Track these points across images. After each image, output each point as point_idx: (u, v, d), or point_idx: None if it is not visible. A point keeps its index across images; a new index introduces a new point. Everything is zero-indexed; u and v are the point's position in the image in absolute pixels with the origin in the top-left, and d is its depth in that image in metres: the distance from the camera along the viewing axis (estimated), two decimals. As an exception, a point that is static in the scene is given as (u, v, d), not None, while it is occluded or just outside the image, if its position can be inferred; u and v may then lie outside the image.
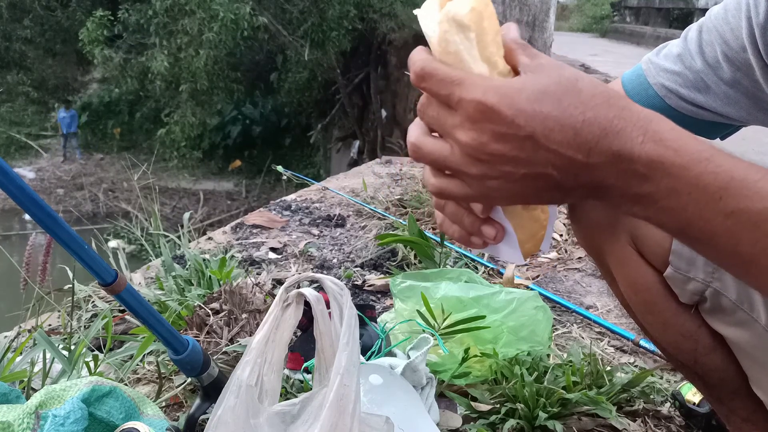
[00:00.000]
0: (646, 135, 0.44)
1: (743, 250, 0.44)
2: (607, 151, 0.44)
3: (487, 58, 0.48)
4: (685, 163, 0.44)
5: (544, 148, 0.44)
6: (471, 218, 0.54)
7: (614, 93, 0.46)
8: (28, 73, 13.96)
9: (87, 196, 12.23)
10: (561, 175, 0.45)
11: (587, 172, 0.45)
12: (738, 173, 0.44)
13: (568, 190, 0.47)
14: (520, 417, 1.10)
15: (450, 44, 0.47)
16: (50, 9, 13.11)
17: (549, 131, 0.44)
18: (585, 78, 0.46)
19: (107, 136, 14.19)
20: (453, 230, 0.56)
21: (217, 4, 9.42)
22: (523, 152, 0.45)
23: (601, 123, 0.44)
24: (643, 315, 0.82)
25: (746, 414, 0.79)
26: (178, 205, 11.63)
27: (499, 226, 0.54)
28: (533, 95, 0.44)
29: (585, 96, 0.45)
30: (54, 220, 0.70)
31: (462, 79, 0.46)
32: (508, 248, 0.55)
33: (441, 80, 0.47)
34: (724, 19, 0.72)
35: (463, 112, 0.46)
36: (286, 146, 13.08)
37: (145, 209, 2.11)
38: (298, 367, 1.14)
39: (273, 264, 2.02)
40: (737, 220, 0.44)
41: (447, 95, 0.47)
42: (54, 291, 1.32)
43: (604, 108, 0.44)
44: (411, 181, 3.03)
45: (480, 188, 0.48)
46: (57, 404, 0.71)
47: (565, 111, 0.44)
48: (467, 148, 0.46)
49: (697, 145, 0.45)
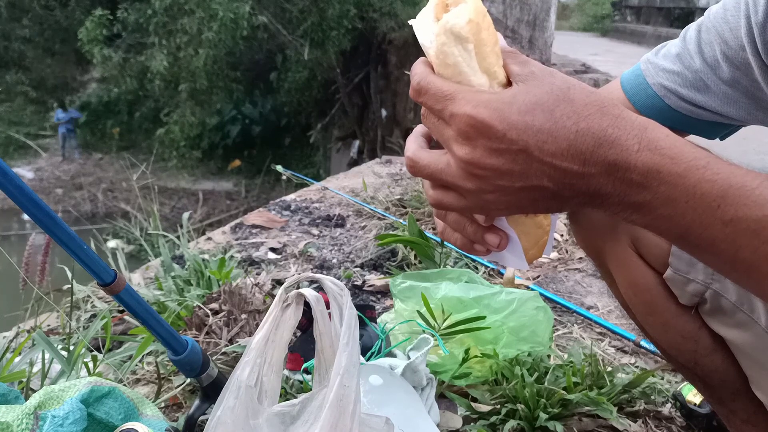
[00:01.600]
0: (642, 143, 0.44)
1: (743, 257, 0.44)
2: (603, 161, 0.44)
3: (486, 68, 0.47)
4: (682, 171, 0.43)
5: (538, 160, 0.44)
6: (474, 227, 0.54)
7: (608, 101, 0.45)
8: (27, 73, 13.95)
9: (86, 196, 12.21)
10: (557, 186, 0.45)
11: (583, 182, 0.45)
12: (736, 180, 0.43)
13: (566, 199, 0.47)
14: (521, 418, 1.09)
15: (448, 56, 0.47)
16: (49, 8, 13.10)
17: (542, 143, 0.44)
18: (577, 86, 0.46)
19: (106, 136, 14.18)
20: (455, 238, 0.56)
21: (216, 3, 9.41)
22: (516, 165, 0.45)
23: (595, 133, 0.44)
24: (643, 316, 0.82)
25: (746, 415, 0.79)
26: (177, 205, 11.62)
27: (502, 234, 0.53)
28: (524, 107, 0.44)
29: (578, 105, 0.44)
30: (53, 220, 0.70)
31: (453, 95, 0.46)
32: (512, 256, 0.55)
33: (434, 95, 0.47)
34: (723, 18, 0.72)
35: (455, 127, 0.46)
36: (286, 146, 13.07)
37: (144, 209, 2.10)
38: (298, 367, 1.14)
39: (272, 264, 2.01)
40: (736, 228, 0.43)
41: (440, 110, 0.47)
42: (53, 291, 1.32)
43: (598, 117, 0.44)
44: (411, 181, 3.02)
45: (477, 201, 0.48)
46: (56, 405, 0.71)
47: (558, 122, 0.44)
48: (462, 162, 0.46)
49: (693, 152, 0.44)
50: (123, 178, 11.75)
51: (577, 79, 0.48)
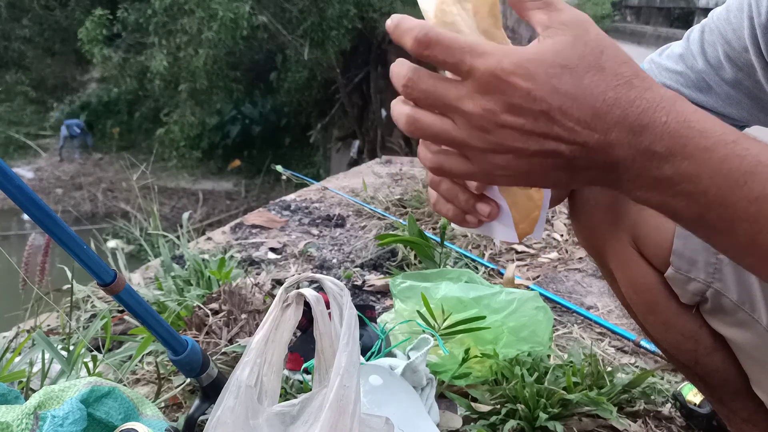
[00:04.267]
0: (670, 115, 0.42)
1: (762, 240, 0.43)
2: (627, 131, 0.42)
3: (485, 29, 0.47)
4: (710, 145, 0.42)
5: (560, 124, 0.42)
6: (466, 195, 0.52)
7: (638, 72, 0.43)
8: (27, 73, 13.95)
9: (86, 196, 12.21)
10: (573, 154, 0.43)
11: (603, 153, 0.43)
12: (765, 158, 0.42)
13: (578, 171, 0.44)
14: (521, 418, 1.09)
15: (447, 15, 0.46)
16: (49, 8, 13.10)
17: (567, 108, 0.41)
18: (610, 50, 0.43)
19: (106, 136, 14.17)
20: (447, 209, 0.55)
21: (216, 3, 9.41)
22: (536, 127, 0.42)
23: (622, 104, 0.42)
24: (644, 315, 0.82)
25: (747, 415, 0.79)
26: (177, 205, 11.61)
27: (493, 203, 0.52)
28: (552, 68, 0.42)
29: (608, 74, 0.42)
30: (53, 220, 0.70)
31: (473, 46, 0.43)
32: (503, 227, 0.54)
33: (448, 47, 0.43)
34: (726, 19, 0.72)
35: (475, 81, 0.42)
36: (286, 146, 13.06)
37: (144, 209, 2.10)
38: (298, 367, 1.14)
39: (272, 264, 2.01)
40: (761, 207, 0.42)
41: (455, 63, 0.43)
42: (53, 291, 1.32)
43: (626, 88, 0.42)
44: (411, 181, 3.02)
45: (484, 164, 0.45)
46: (56, 405, 0.71)
47: (586, 89, 0.42)
48: (475, 118, 0.43)
49: (722, 127, 0.43)
50: (123, 178, 11.74)
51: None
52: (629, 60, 0.44)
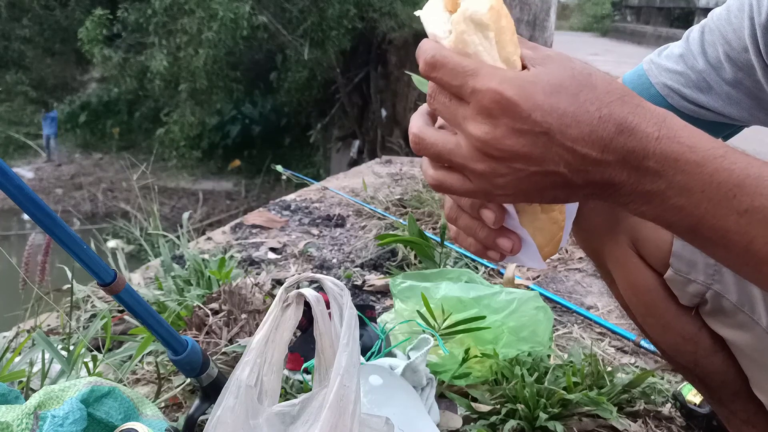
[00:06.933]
0: (661, 131, 0.43)
1: (756, 249, 0.44)
2: (622, 147, 0.43)
3: (506, 58, 0.46)
4: (700, 159, 0.43)
5: (559, 144, 0.43)
6: (485, 231, 0.52)
7: (627, 90, 0.45)
8: (27, 73, 13.94)
9: (86, 195, 12.21)
10: (571, 173, 0.44)
11: (599, 170, 0.44)
12: (753, 171, 0.43)
13: (575, 188, 0.46)
14: (521, 418, 1.09)
15: (469, 45, 0.45)
16: (49, 8, 13.10)
17: (565, 127, 0.43)
18: (597, 72, 0.45)
19: (106, 136, 14.17)
20: (468, 243, 0.55)
21: (216, 3, 9.41)
22: (536, 148, 0.43)
23: (616, 120, 0.43)
24: (644, 317, 0.82)
25: (747, 416, 0.79)
26: (177, 204, 11.62)
27: (514, 237, 0.52)
28: (549, 88, 0.43)
29: (600, 92, 0.44)
30: (53, 219, 0.70)
31: (476, 70, 0.44)
32: (527, 257, 0.53)
33: (453, 70, 0.45)
34: (727, 19, 0.72)
35: (477, 104, 0.44)
36: (286, 146, 13.07)
37: (144, 209, 2.10)
38: (298, 367, 1.14)
39: (272, 264, 2.01)
40: (751, 219, 0.43)
41: (459, 86, 0.45)
42: (53, 291, 1.32)
43: (619, 104, 0.44)
44: (411, 181, 3.03)
45: (483, 184, 0.46)
46: (56, 405, 0.71)
47: (582, 107, 0.43)
48: (478, 142, 0.44)
49: (711, 142, 0.44)
50: (123, 178, 11.74)
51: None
52: (616, 81, 0.46)
